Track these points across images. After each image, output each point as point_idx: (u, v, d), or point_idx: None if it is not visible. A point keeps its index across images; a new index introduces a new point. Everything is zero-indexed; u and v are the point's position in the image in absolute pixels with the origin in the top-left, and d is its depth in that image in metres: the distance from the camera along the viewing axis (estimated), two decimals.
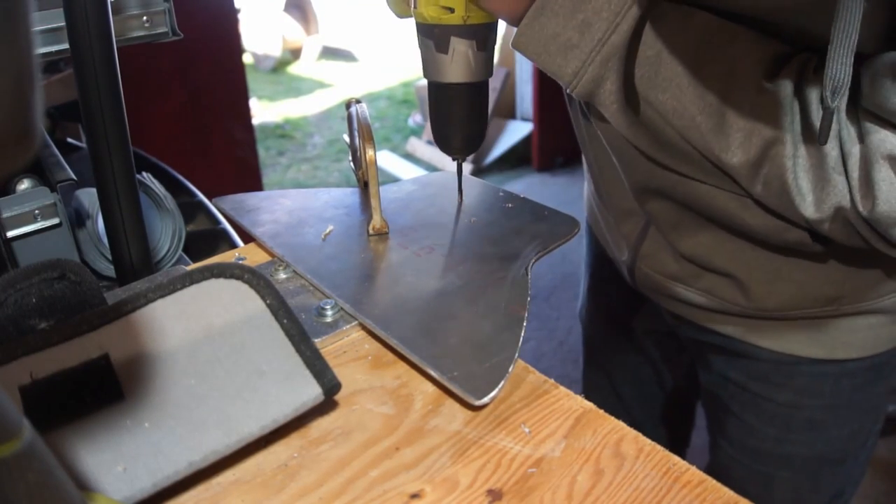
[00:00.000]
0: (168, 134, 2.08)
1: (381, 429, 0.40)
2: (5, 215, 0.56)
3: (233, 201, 0.66)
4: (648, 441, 0.39)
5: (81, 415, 0.35)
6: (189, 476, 0.35)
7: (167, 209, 0.67)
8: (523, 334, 0.45)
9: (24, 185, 0.59)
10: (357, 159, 0.63)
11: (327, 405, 0.41)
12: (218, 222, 0.82)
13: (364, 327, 0.48)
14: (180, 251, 0.67)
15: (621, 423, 0.40)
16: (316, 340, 0.45)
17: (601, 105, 0.50)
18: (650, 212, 0.62)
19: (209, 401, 0.37)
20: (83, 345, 0.38)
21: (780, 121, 0.45)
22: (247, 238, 0.64)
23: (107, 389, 0.36)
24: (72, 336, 0.38)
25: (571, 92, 0.50)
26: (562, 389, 0.43)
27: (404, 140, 3.95)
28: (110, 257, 0.59)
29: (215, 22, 2.10)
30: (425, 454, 0.38)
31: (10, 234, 0.57)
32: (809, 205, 0.46)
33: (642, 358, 0.91)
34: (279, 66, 5.50)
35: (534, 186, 3.32)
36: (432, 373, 0.42)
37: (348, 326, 0.48)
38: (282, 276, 0.54)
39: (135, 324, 0.39)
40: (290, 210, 0.64)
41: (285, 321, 0.41)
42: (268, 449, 0.38)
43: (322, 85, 5.13)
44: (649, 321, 0.86)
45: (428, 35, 0.53)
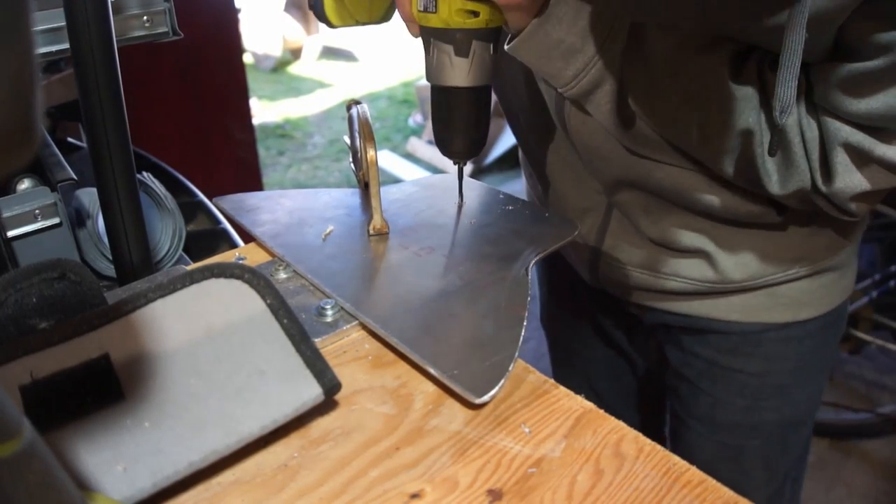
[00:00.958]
0: (168, 134, 2.08)
1: (382, 429, 0.40)
2: (5, 215, 0.56)
3: (233, 201, 0.66)
4: (648, 441, 0.39)
5: (81, 415, 0.35)
6: (189, 476, 0.35)
7: (167, 209, 0.67)
8: (523, 334, 0.45)
9: (25, 185, 0.59)
10: (357, 160, 0.63)
11: (327, 405, 0.41)
12: (218, 222, 0.82)
13: (364, 327, 0.48)
14: (180, 251, 0.67)
15: (621, 423, 0.40)
16: (316, 340, 0.45)
17: (594, 105, 0.55)
18: (621, 202, 0.67)
19: (209, 401, 0.37)
20: (83, 345, 0.38)
21: (747, 115, 0.51)
22: (247, 238, 0.64)
23: (107, 389, 0.36)
24: (72, 336, 0.38)
25: (566, 93, 0.54)
26: (562, 389, 0.43)
27: (404, 140, 3.95)
28: (110, 257, 0.59)
29: (215, 22, 2.10)
30: (425, 454, 0.38)
31: (11, 234, 0.57)
32: (775, 184, 0.53)
33: (613, 351, 0.93)
34: (279, 66, 5.50)
35: None
36: (432, 371, 0.42)
37: (348, 326, 0.48)
38: (282, 276, 0.54)
39: (135, 324, 0.39)
40: (291, 210, 0.64)
41: (285, 321, 0.41)
42: (268, 449, 0.38)
43: (322, 85, 5.13)
44: (613, 315, 0.88)
45: (447, 40, 0.53)
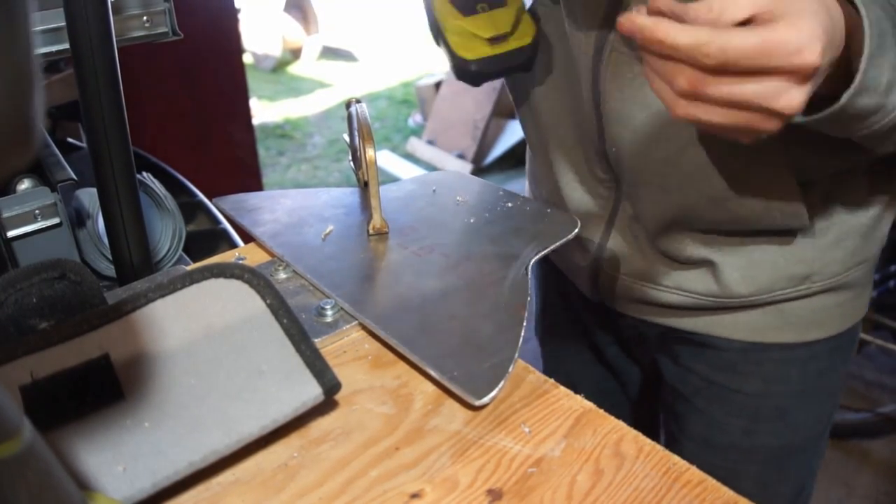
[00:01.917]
0: (168, 134, 2.08)
1: (381, 429, 0.40)
2: (6, 215, 0.56)
3: (233, 201, 0.66)
4: (648, 441, 0.39)
5: (81, 415, 0.35)
6: (189, 476, 0.35)
7: (167, 209, 0.67)
8: (523, 334, 0.45)
9: (25, 185, 0.59)
10: (357, 159, 0.63)
11: (327, 405, 0.41)
12: (218, 222, 0.82)
13: (364, 327, 0.48)
14: (180, 251, 0.67)
15: (621, 423, 0.40)
16: (316, 340, 0.45)
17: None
18: (632, 202, 0.63)
19: (209, 401, 0.37)
20: (83, 345, 0.38)
21: None
22: (247, 238, 0.64)
23: (107, 389, 0.36)
24: (72, 336, 0.38)
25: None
26: (562, 389, 0.43)
27: (404, 140, 3.95)
28: (110, 257, 0.59)
29: (215, 22, 2.10)
30: (425, 454, 0.38)
31: (11, 234, 0.57)
32: None
33: (607, 368, 0.89)
34: (279, 66, 5.50)
35: None
36: (432, 373, 0.42)
37: (348, 326, 0.48)
38: (282, 276, 0.54)
39: (135, 324, 0.39)
40: (291, 210, 0.64)
41: (285, 321, 0.41)
42: (268, 449, 0.38)
43: (322, 85, 5.13)
44: (609, 329, 0.84)
45: None
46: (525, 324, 0.46)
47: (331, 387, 0.39)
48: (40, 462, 0.24)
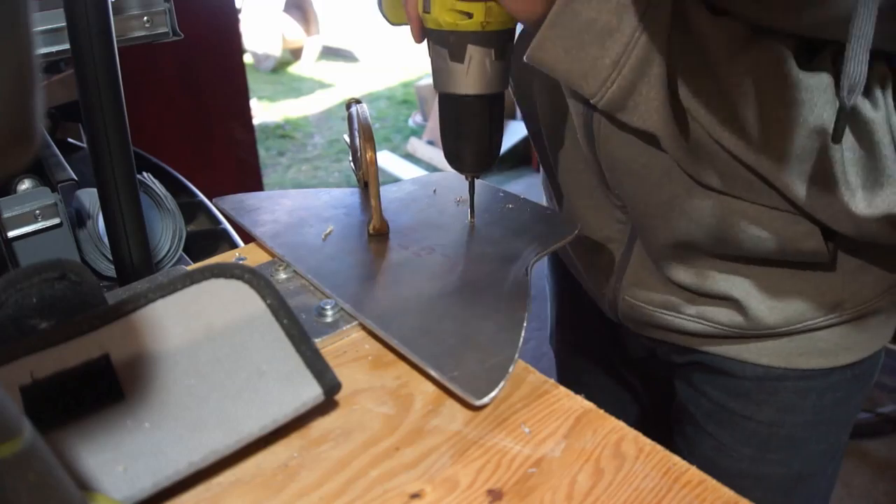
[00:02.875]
0: (168, 134, 2.08)
1: (381, 429, 0.40)
2: (6, 215, 0.57)
3: (233, 201, 0.66)
4: (648, 441, 0.39)
5: (82, 415, 0.35)
6: (189, 476, 0.35)
7: (168, 209, 0.67)
8: (523, 334, 0.45)
9: (25, 186, 0.59)
10: (357, 159, 0.63)
11: (327, 405, 0.41)
12: (218, 222, 0.82)
13: (364, 327, 0.48)
14: (180, 251, 0.68)
15: (621, 423, 0.40)
16: (316, 340, 0.45)
17: (642, 100, 0.45)
18: (646, 237, 0.60)
19: (209, 401, 0.37)
20: (84, 345, 0.38)
21: (820, 109, 0.42)
22: (247, 238, 0.64)
23: (107, 389, 0.36)
24: (72, 336, 0.38)
25: (606, 96, 0.45)
26: (562, 389, 0.43)
27: (404, 140, 3.95)
28: (111, 257, 0.59)
29: (215, 22, 2.10)
30: (425, 454, 0.38)
31: (11, 235, 0.57)
32: (860, 200, 0.44)
33: (619, 383, 0.88)
34: (279, 66, 5.50)
35: (534, 187, 3.32)
36: (432, 373, 0.42)
37: (348, 326, 0.48)
38: (282, 276, 0.54)
39: (135, 324, 0.39)
40: (291, 210, 0.64)
41: (285, 321, 0.41)
42: (268, 449, 0.38)
43: (322, 85, 5.13)
44: (625, 346, 0.82)
45: (442, 43, 0.50)
46: (525, 324, 0.46)
47: (331, 387, 0.39)
48: (40, 462, 0.24)
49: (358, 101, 0.61)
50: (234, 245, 0.78)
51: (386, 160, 3.63)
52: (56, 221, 0.59)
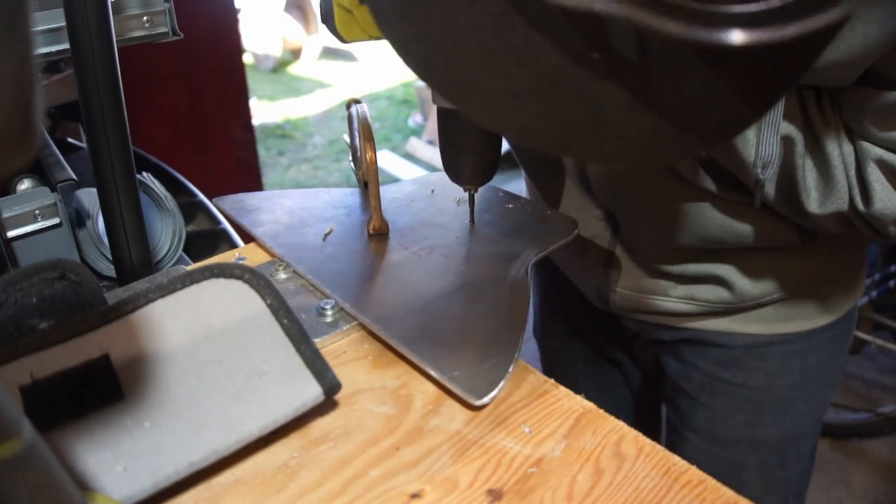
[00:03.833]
0: (168, 134, 2.08)
1: (381, 429, 0.40)
2: (6, 215, 0.56)
3: (233, 201, 0.66)
4: (648, 441, 0.39)
5: (81, 415, 0.35)
6: (189, 476, 0.35)
7: (167, 209, 0.67)
8: (523, 334, 0.45)
9: (25, 185, 0.59)
10: (357, 159, 0.63)
11: (327, 405, 0.41)
12: (218, 222, 0.82)
13: (364, 327, 0.48)
14: (180, 251, 0.67)
15: (621, 423, 0.40)
16: (316, 340, 0.45)
17: None
18: (629, 233, 0.65)
19: (209, 401, 0.37)
20: (83, 345, 0.38)
21: (786, 123, 0.48)
22: (247, 238, 0.64)
23: (107, 389, 0.36)
24: (72, 336, 0.38)
25: None
26: (562, 389, 0.43)
27: (404, 140, 3.95)
28: (110, 257, 0.59)
29: (215, 22, 2.10)
30: (425, 454, 0.38)
31: (11, 234, 0.57)
32: (814, 201, 0.50)
33: (608, 365, 0.90)
34: (279, 66, 5.50)
35: None
36: (432, 373, 0.42)
37: (348, 326, 0.48)
38: (282, 276, 0.54)
39: (135, 324, 0.39)
40: (291, 210, 0.64)
41: (285, 321, 0.41)
42: (268, 449, 0.38)
43: (322, 85, 5.13)
44: (611, 329, 0.85)
45: None
46: (525, 325, 0.46)
47: (331, 387, 0.39)
48: (40, 462, 0.24)
49: (358, 101, 0.61)
50: (234, 245, 0.78)
51: (386, 160, 3.63)
52: (56, 221, 0.59)
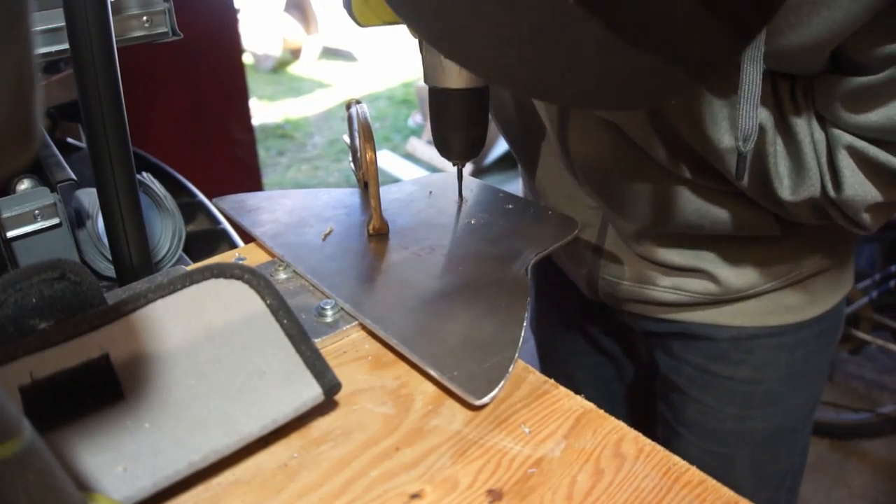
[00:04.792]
0: (168, 134, 2.08)
1: (381, 429, 0.40)
2: (5, 215, 0.56)
3: (233, 201, 0.66)
4: (648, 441, 0.39)
5: (81, 415, 0.35)
6: (189, 476, 0.35)
7: (167, 209, 0.67)
8: (523, 334, 0.45)
9: (24, 186, 0.59)
10: (357, 159, 0.63)
11: (327, 405, 0.41)
12: (218, 222, 0.82)
13: (364, 327, 0.48)
14: (180, 251, 0.67)
15: (621, 423, 0.40)
16: (316, 340, 0.45)
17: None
18: (618, 222, 0.66)
19: (209, 401, 0.37)
20: (83, 345, 0.38)
21: (762, 108, 0.48)
22: (247, 238, 0.64)
23: (107, 389, 0.36)
24: (72, 336, 0.38)
25: None
26: (562, 389, 0.43)
27: (404, 140, 3.95)
28: (110, 257, 0.59)
29: (215, 22, 2.10)
30: (425, 454, 0.38)
31: (10, 234, 0.57)
32: (786, 188, 0.51)
33: (601, 358, 0.91)
34: (279, 66, 5.50)
35: None
36: (432, 373, 0.42)
37: (348, 326, 0.48)
38: (282, 276, 0.54)
39: (135, 324, 0.39)
40: (291, 210, 0.64)
41: (285, 321, 0.41)
42: (268, 449, 0.38)
43: (322, 85, 5.13)
44: (603, 322, 0.87)
45: None
46: (525, 324, 0.46)
47: (331, 387, 0.39)
48: (40, 462, 0.24)
49: (358, 102, 0.61)
50: (234, 245, 0.78)
51: (386, 160, 3.63)
52: (55, 221, 0.59)
